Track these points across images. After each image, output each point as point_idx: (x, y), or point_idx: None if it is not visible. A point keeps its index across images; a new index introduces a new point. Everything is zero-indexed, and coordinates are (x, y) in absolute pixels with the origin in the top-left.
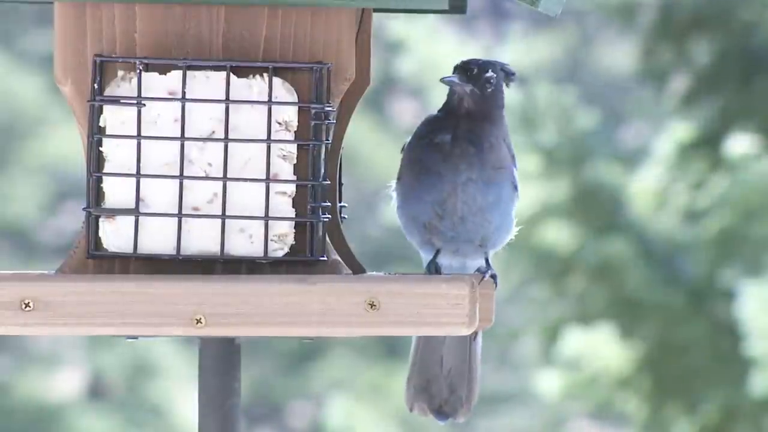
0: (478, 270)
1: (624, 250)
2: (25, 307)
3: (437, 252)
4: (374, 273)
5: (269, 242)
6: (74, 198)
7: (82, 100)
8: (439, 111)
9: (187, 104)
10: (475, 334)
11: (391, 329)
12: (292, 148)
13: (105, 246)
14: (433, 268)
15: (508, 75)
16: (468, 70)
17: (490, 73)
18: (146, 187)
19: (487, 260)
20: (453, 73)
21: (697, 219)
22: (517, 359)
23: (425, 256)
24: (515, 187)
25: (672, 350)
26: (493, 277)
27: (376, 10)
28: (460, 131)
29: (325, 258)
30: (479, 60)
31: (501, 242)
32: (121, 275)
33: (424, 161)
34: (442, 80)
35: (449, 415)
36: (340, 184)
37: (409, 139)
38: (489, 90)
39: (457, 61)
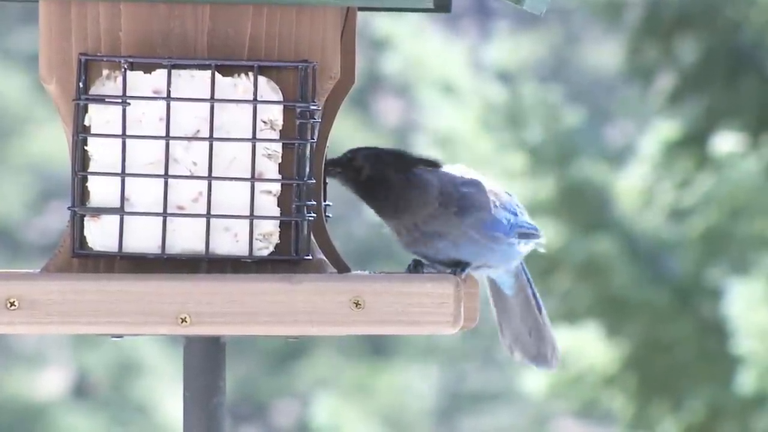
0: (453, 272)
1: (610, 248)
2: (10, 306)
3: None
4: (359, 272)
5: (254, 241)
6: (59, 197)
7: (67, 99)
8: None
9: (172, 103)
10: (539, 308)
11: (376, 328)
12: (277, 147)
13: (90, 245)
14: (419, 267)
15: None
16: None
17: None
18: (131, 186)
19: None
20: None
21: (683, 217)
22: (503, 358)
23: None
24: (510, 226)
25: (658, 348)
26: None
27: (361, 9)
28: (414, 233)
29: (310, 257)
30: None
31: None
32: (105, 274)
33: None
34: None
35: (543, 365)
36: (325, 183)
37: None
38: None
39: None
